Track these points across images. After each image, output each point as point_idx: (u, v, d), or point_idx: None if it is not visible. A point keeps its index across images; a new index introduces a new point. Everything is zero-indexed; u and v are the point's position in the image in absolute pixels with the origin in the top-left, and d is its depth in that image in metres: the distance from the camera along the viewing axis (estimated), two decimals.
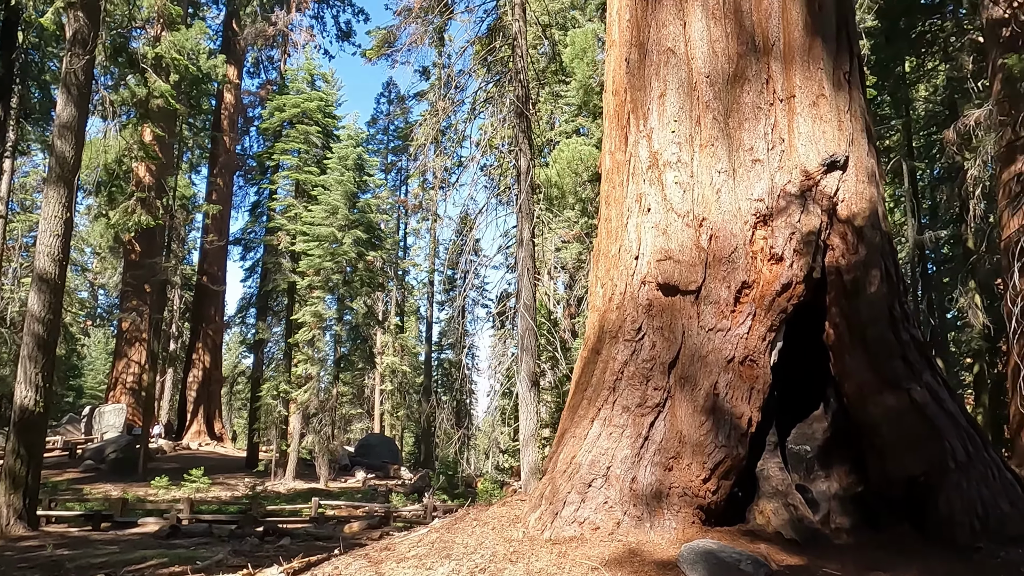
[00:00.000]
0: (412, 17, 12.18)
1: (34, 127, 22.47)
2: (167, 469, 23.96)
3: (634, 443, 4.26)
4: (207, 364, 33.64)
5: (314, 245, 23.99)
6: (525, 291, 10.25)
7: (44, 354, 13.04)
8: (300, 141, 26.25)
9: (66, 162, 13.18)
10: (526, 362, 10.11)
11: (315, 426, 23.80)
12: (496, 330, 68.43)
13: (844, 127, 4.76)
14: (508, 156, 10.98)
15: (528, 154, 10.64)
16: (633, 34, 5.18)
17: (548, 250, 34.17)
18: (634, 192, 4.93)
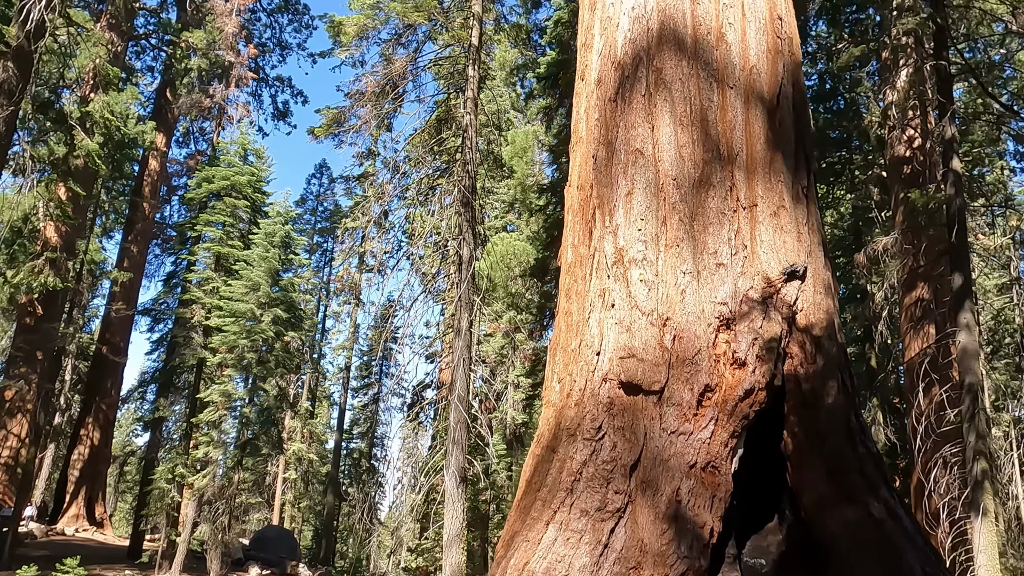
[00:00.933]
0: (364, 100, 12.25)
1: None
2: (36, 557, 21.65)
3: (593, 550, 4.01)
4: (95, 441, 31.17)
5: (230, 321, 23.03)
6: (460, 382, 9.96)
7: None
8: (226, 214, 25.61)
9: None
10: (456, 456, 9.70)
11: (210, 515, 22.11)
12: (410, 421, 66.77)
13: (803, 239, 4.89)
14: (450, 244, 10.93)
15: (471, 243, 10.61)
16: (602, 133, 5.25)
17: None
18: (597, 287, 4.87)
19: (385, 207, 11.95)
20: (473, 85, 10.95)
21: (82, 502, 30.59)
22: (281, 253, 24.51)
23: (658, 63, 5.22)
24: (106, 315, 32.12)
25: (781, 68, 5.30)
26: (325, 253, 44.15)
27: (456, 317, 10.20)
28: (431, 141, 11.89)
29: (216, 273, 25.26)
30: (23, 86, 12.77)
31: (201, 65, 29.83)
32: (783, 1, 5.60)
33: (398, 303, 13.36)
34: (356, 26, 11.98)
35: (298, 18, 40.92)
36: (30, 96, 13.70)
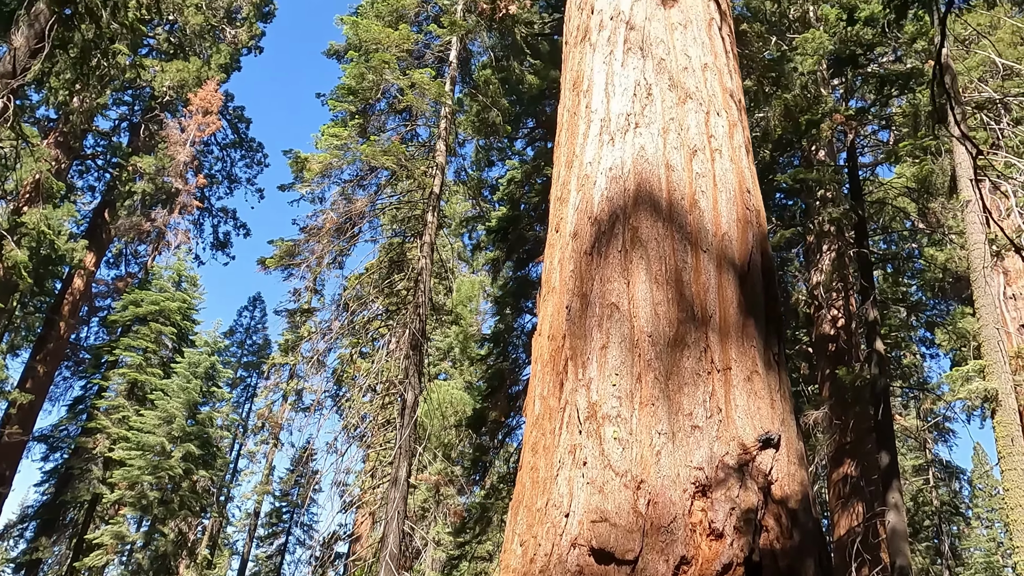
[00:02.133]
0: (320, 236, 12.19)
1: None
2: None
3: None
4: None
5: (136, 454, 21.37)
6: (392, 536, 9.21)
7: None
8: (149, 339, 24.55)
9: None
10: None
11: None
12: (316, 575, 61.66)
13: (776, 406, 4.81)
14: (396, 388, 10.55)
15: (416, 388, 10.25)
16: (576, 284, 5.21)
17: None
18: (568, 442, 4.62)
19: (329, 344, 11.60)
20: (431, 231, 11.06)
21: None
22: (203, 385, 23.32)
23: (634, 222, 5.30)
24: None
25: (751, 237, 5.46)
26: (247, 388, 42.46)
27: (394, 466, 9.63)
28: (382, 282, 11.81)
29: (128, 401, 23.76)
30: None
31: (146, 189, 29.70)
32: (751, 175, 5.89)
33: (332, 447, 12.60)
34: (321, 164, 12.17)
35: (251, 154, 41.71)
36: None
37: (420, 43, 13.53)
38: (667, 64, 6.23)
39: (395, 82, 12.01)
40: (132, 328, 24.88)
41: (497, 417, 15.80)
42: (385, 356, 10.52)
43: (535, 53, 15.06)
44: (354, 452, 40.97)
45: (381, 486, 11.17)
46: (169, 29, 34.47)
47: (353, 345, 11.60)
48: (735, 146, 5.99)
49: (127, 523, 20.73)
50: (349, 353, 12.22)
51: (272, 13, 40.29)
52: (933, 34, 16.46)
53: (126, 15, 15.19)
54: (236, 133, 40.92)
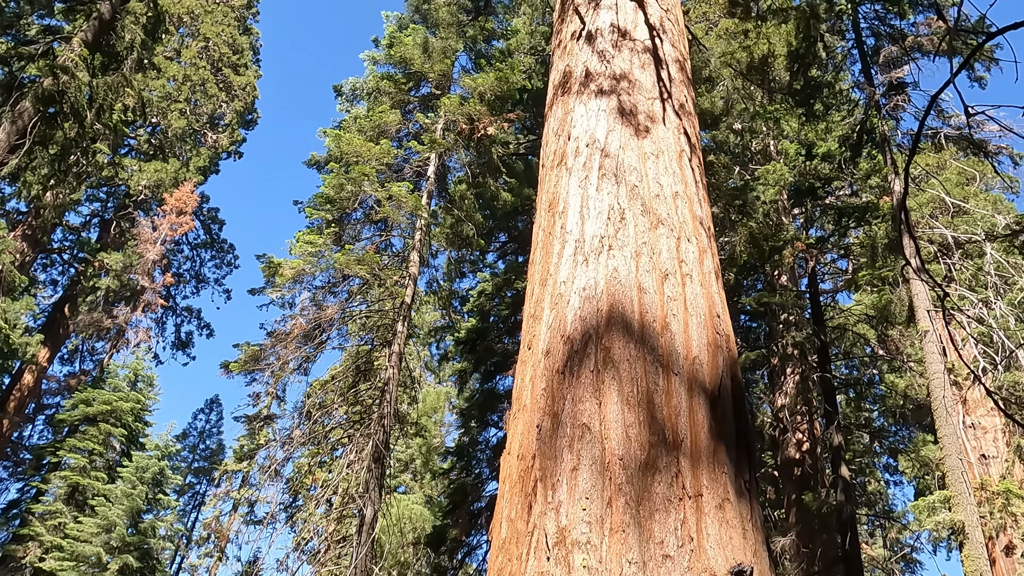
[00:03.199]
0: (287, 341, 12.02)
1: None
2: None
3: None
4: None
5: (70, 566, 19.98)
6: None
7: None
8: (97, 441, 23.53)
9: None
10: None
11: None
12: None
13: (748, 536, 4.71)
14: (355, 501, 10.11)
15: (376, 504, 9.84)
16: (548, 403, 5.16)
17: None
18: (535, 570, 4.43)
19: (288, 454, 11.15)
20: (400, 340, 10.99)
21: None
22: (148, 491, 22.17)
23: (607, 342, 5.33)
24: None
25: (721, 361, 5.51)
26: (195, 496, 40.52)
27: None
28: (347, 391, 11.58)
29: (67, 507, 22.44)
30: None
31: (111, 286, 29.33)
32: (720, 301, 6.01)
33: (283, 564, 11.88)
34: (293, 270, 12.19)
35: (221, 255, 41.73)
36: None
37: (399, 158, 13.95)
38: (640, 191, 6.47)
39: (373, 193, 12.27)
40: (80, 428, 23.84)
41: (458, 535, 15.17)
42: (345, 467, 10.14)
43: (510, 171, 15.60)
44: (306, 571, 38.86)
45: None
46: (151, 131, 35.13)
47: (313, 455, 11.19)
48: (705, 271, 6.14)
49: None
50: (307, 463, 11.77)
51: (255, 121, 41.43)
52: (887, 172, 17.44)
53: (110, 117, 15.48)
54: (208, 233, 41.06)
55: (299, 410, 12.10)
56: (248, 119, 40.83)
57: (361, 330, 12.12)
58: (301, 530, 37.65)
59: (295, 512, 12.95)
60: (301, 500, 13.55)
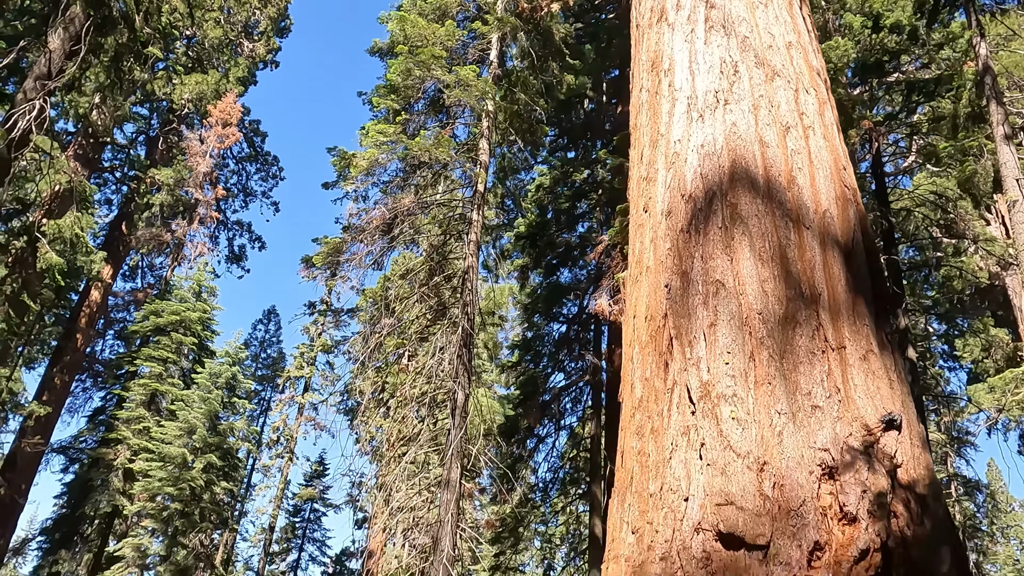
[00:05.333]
0: (364, 235, 11.99)
1: None
2: None
3: None
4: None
5: (157, 466, 21.10)
6: (447, 539, 8.90)
7: None
8: (170, 350, 24.35)
9: None
10: None
11: None
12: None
13: (895, 386, 4.57)
14: (441, 390, 10.29)
15: (466, 388, 10.00)
16: (675, 263, 5.00)
17: None
18: (680, 424, 4.38)
19: (378, 342, 11.24)
20: (477, 229, 10.86)
21: None
22: (223, 395, 23.07)
23: (732, 199, 5.10)
24: (12, 452, 29.23)
25: (852, 215, 5.24)
26: (261, 402, 42.17)
27: (445, 468, 9.33)
28: (424, 285, 11.56)
29: (148, 412, 23.51)
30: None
31: (165, 201, 29.62)
32: (844, 153, 5.69)
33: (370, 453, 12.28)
34: (367, 160, 11.96)
35: (266, 168, 41.73)
36: (2, 202, 13.04)
37: (460, 41, 13.39)
38: (751, 42, 6.05)
39: (442, 78, 11.83)
40: (152, 339, 24.70)
41: (531, 424, 15.51)
42: (438, 351, 10.24)
43: (573, 53, 14.94)
44: (369, 468, 40.56)
45: (421, 493, 10.88)
46: (187, 43, 34.60)
47: (398, 345, 11.35)
48: (827, 123, 5.79)
49: (148, 535, 20.42)
50: (394, 353, 11.92)
51: (288, 28, 40.48)
52: (971, 35, 16.29)
53: (159, 20, 15.11)
54: (252, 147, 40.98)
55: (379, 303, 12.19)
56: (281, 26, 39.90)
57: (433, 222, 11.99)
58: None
59: (388, 399, 13.25)
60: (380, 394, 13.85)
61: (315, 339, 38.88)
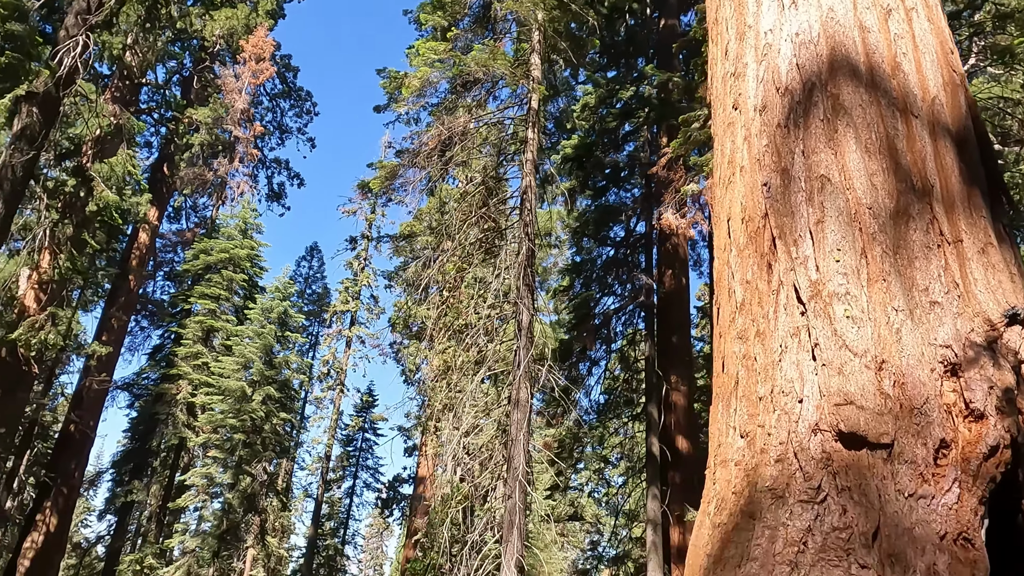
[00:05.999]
0: (419, 159, 11.77)
1: None
2: None
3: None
4: (52, 527, 28.77)
5: (218, 399, 21.74)
6: (518, 459, 9.01)
7: None
8: (222, 287, 24.75)
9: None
10: (514, 544, 8.63)
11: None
12: (380, 517, 63.57)
13: (1016, 280, 4.32)
14: (509, 309, 10.21)
15: (531, 309, 9.93)
16: (773, 159, 4.74)
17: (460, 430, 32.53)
18: (788, 325, 4.21)
19: (440, 266, 11.16)
20: (533, 148, 10.55)
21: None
22: (276, 330, 23.51)
23: (833, 89, 4.78)
24: (77, 391, 30.40)
25: (962, 101, 4.89)
26: (309, 337, 43.00)
27: (514, 387, 9.37)
28: (479, 208, 11.38)
29: (205, 348, 24.12)
30: (46, 132, 12.19)
31: (205, 140, 29.61)
32: (950, 36, 5.28)
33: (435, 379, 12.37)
34: (419, 79, 11.63)
35: (300, 103, 41.36)
36: (53, 143, 13.09)
37: None
38: None
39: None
40: (204, 277, 25.14)
41: (584, 348, 15.50)
42: (503, 271, 10.13)
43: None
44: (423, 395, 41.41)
45: (489, 414, 10.94)
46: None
47: (458, 268, 11.27)
48: (930, 4, 5.35)
49: (215, 465, 21.25)
50: (455, 275, 11.88)
51: None
52: None
53: None
54: (284, 83, 40.57)
55: (437, 228, 12.08)
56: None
57: (484, 143, 11.70)
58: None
59: (451, 322, 13.33)
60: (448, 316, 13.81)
61: (358, 273, 39.20)
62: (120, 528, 24.98)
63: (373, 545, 75.58)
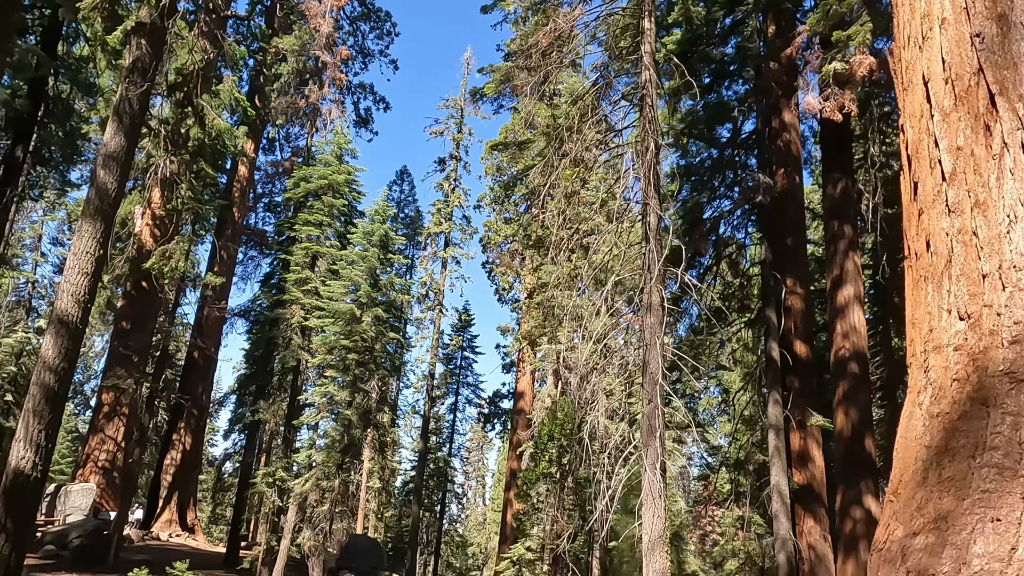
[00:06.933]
0: (529, 61, 11.31)
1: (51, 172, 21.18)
2: (136, 561, 21.25)
3: None
4: (187, 446, 31.07)
5: (330, 322, 22.50)
6: (653, 363, 8.87)
7: (52, 409, 11.20)
8: (324, 213, 25.23)
9: (107, 194, 11.83)
10: (654, 446, 8.58)
11: (315, 521, 21.44)
12: (481, 431, 65.71)
13: None
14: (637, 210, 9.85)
15: (658, 210, 9.54)
16: (987, 4, 4.11)
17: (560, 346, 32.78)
18: (1018, 192, 3.71)
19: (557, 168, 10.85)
20: (650, 39, 9.87)
21: (175, 508, 30.47)
22: (380, 253, 23.93)
23: None
24: (198, 319, 32.14)
25: None
26: (406, 259, 43.85)
27: (646, 292, 9.12)
28: (590, 111, 10.87)
29: (313, 273, 24.88)
30: (156, 63, 12.36)
31: (296, 66, 29.71)
32: None
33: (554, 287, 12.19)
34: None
35: (380, 25, 40.81)
36: (164, 74, 13.29)
37: None
38: None
39: None
40: (305, 204, 25.74)
41: (697, 252, 14.99)
42: (625, 172, 9.75)
43: None
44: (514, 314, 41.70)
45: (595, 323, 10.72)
46: None
47: (574, 175, 10.91)
48: None
49: (333, 383, 22.21)
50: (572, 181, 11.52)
51: None
52: None
53: None
54: (363, 4, 40.02)
55: (549, 132, 11.67)
56: None
57: (592, 43, 11.11)
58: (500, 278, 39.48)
59: (572, 231, 13.10)
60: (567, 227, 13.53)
61: (449, 194, 39.25)
62: (250, 445, 26.78)
63: (475, 458, 78.59)
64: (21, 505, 10.62)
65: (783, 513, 13.98)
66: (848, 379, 17.10)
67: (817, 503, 16.01)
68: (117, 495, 27.11)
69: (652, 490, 8.29)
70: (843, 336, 17.34)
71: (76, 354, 11.64)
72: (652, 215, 9.28)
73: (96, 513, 26.22)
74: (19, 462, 10.65)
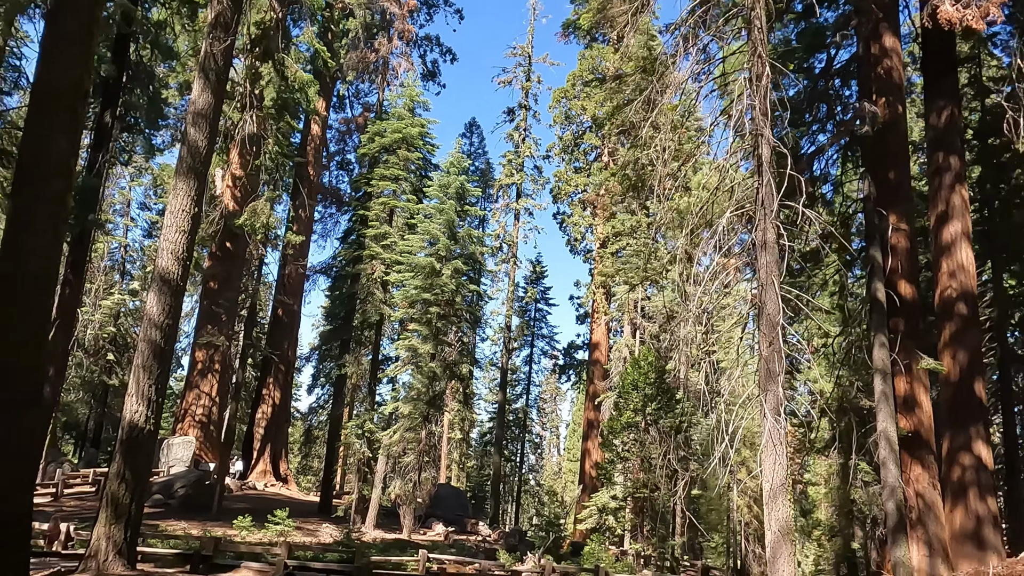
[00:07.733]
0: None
1: (137, 136, 21.65)
2: (237, 509, 22.20)
3: None
4: (277, 400, 32.13)
5: (410, 275, 22.56)
6: (771, 304, 8.41)
7: (160, 364, 11.50)
8: (399, 167, 25.16)
9: (198, 152, 11.89)
10: (773, 391, 8.19)
11: (404, 471, 21.89)
12: (555, 382, 66.05)
13: None
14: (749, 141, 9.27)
15: (771, 141, 8.95)
16: None
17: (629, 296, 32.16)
18: None
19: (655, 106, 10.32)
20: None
21: (268, 459, 31.71)
22: (456, 205, 23.76)
23: None
24: (280, 278, 32.90)
25: None
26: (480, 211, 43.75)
27: (760, 229, 8.64)
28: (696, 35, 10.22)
29: (391, 228, 24.97)
30: (237, 17, 12.27)
31: (363, 20, 29.43)
32: None
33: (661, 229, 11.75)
34: None
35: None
36: (246, 29, 13.21)
37: None
38: None
39: None
40: (381, 159, 25.71)
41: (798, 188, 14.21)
42: (745, 96, 9.13)
43: None
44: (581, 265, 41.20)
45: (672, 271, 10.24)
46: None
47: (674, 108, 10.35)
48: None
49: (416, 337, 22.39)
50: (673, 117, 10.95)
51: None
52: None
53: None
54: None
55: (641, 64, 11.10)
56: None
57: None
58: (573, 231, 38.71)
59: (678, 167, 12.60)
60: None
61: (519, 144, 38.69)
62: (338, 398, 27.43)
63: (549, 408, 79.24)
64: (138, 457, 11.02)
65: (892, 460, 13.37)
66: (955, 320, 16.14)
67: (925, 450, 15.30)
68: (214, 447, 28.32)
69: (773, 437, 7.91)
70: (949, 275, 16.33)
71: (179, 311, 11.91)
72: (764, 147, 8.67)
73: (197, 464, 27.50)
74: (133, 416, 11.03)
